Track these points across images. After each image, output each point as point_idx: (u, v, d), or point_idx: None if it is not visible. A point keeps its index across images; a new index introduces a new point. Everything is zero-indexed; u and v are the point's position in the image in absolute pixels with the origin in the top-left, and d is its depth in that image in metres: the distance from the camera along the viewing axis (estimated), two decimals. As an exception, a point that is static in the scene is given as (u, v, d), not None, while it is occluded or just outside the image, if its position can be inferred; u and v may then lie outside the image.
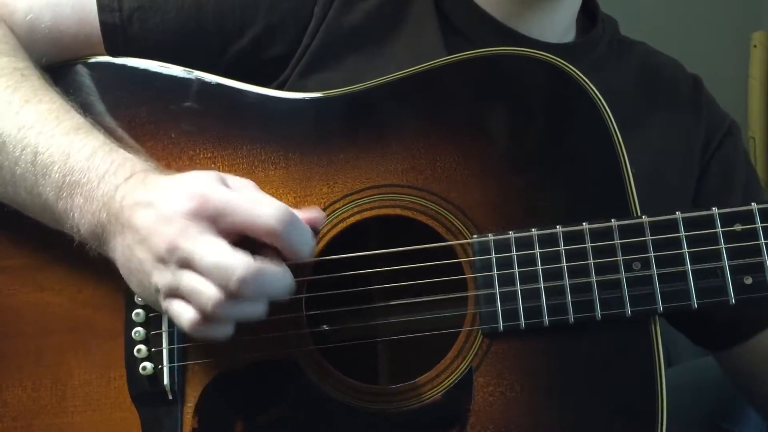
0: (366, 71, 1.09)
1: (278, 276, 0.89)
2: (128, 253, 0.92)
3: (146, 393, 1.01)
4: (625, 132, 0.97)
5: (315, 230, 0.95)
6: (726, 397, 1.28)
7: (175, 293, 0.89)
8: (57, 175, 0.96)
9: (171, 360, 1.01)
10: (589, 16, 1.25)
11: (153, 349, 1.01)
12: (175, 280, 0.88)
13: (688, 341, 1.25)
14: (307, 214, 0.95)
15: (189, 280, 0.88)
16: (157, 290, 0.91)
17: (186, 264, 0.88)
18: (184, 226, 0.88)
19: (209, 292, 0.87)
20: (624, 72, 1.23)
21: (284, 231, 0.89)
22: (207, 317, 0.88)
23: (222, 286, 0.86)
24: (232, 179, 0.94)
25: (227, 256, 0.86)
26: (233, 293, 0.86)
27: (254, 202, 0.89)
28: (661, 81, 1.25)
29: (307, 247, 0.92)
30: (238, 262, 0.86)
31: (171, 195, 0.90)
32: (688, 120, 1.23)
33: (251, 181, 0.94)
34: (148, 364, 1.00)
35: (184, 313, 0.89)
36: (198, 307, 0.88)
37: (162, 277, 0.89)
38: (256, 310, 0.91)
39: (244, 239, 0.90)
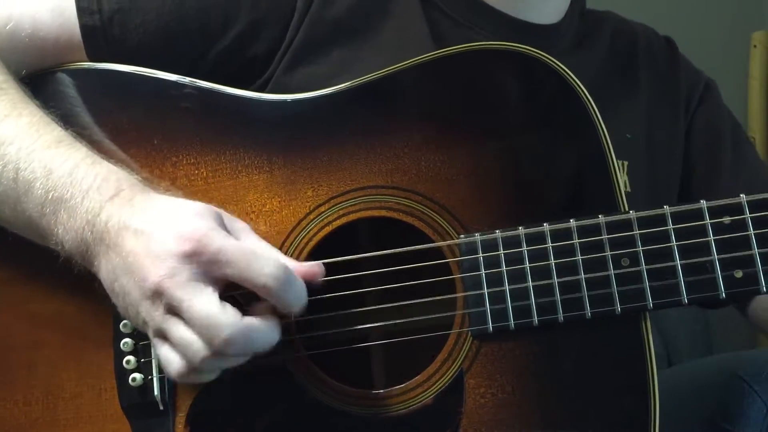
0: (352, 64, 1.08)
1: (265, 334, 0.89)
2: (113, 278, 0.91)
3: (137, 404, 1.00)
4: (617, 104, 0.96)
5: (312, 283, 0.93)
6: (726, 397, 1.26)
7: (163, 336, 0.89)
8: (40, 192, 0.95)
9: (161, 370, 0.99)
10: None
11: (142, 360, 1.00)
12: (163, 325, 0.88)
13: (687, 341, 1.24)
14: (305, 268, 0.93)
15: (177, 330, 0.87)
16: (145, 323, 0.90)
17: (173, 311, 0.87)
18: (173, 270, 0.86)
19: (196, 346, 0.86)
20: (602, 43, 1.23)
21: (279, 290, 0.88)
22: (193, 369, 0.89)
23: (208, 342, 0.86)
24: (229, 219, 0.93)
25: (215, 313, 0.86)
26: (219, 351, 0.86)
27: (252, 257, 0.88)
28: (639, 46, 1.25)
29: (300, 304, 0.91)
30: (226, 321, 0.85)
31: (164, 229, 0.88)
32: (669, 80, 1.24)
33: (247, 225, 0.94)
34: (138, 375, 1.00)
35: (172, 363, 0.89)
36: (185, 359, 0.88)
37: (150, 316, 0.89)
38: (241, 361, 0.91)
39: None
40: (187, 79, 1.06)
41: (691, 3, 2.33)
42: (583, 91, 0.95)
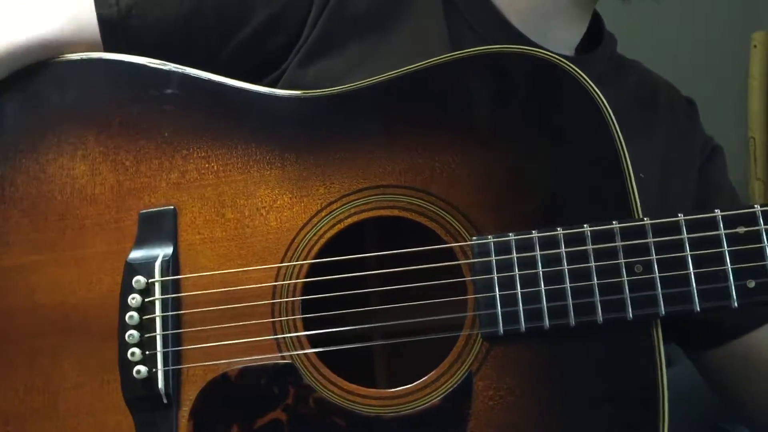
0: (366, 61, 1.09)
1: None
2: None
3: (141, 397, 0.99)
4: (633, 142, 0.96)
5: None
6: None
7: None
8: None
9: (165, 363, 0.99)
10: (588, 31, 1.25)
11: (147, 353, 0.99)
12: None
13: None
14: None
15: None
16: None
17: None
18: None
19: None
20: (625, 87, 1.24)
21: None
22: None
23: None
24: None
25: None
26: None
27: None
28: (660, 97, 1.26)
29: None
30: None
31: None
32: (687, 135, 1.25)
33: None
34: (143, 368, 0.99)
35: None
36: None
37: None
38: None
39: None
40: (200, 73, 1.06)
41: (691, 3, 2.32)
42: (601, 99, 0.95)
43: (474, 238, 0.95)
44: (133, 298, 1.00)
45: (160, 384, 0.98)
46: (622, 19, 1.31)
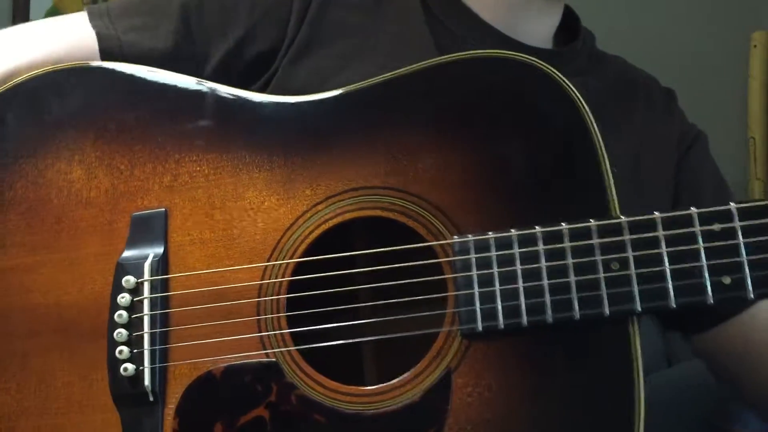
0: (355, 59, 1.14)
1: None
2: None
3: (127, 394, 1.01)
4: (608, 135, 0.97)
5: None
6: (725, 397, 1.26)
7: None
8: None
9: (152, 361, 1.01)
10: (567, 27, 1.29)
11: (135, 351, 1.01)
12: None
13: (688, 342, 1.23)
14: None
15: None
16: None
17: None
18: None
19: None
20: (604, 80, 1.26)
21: None
22: None
23: None
24: None
25: None
26: None
27: None
28: (639, 90, 1.28)
29: None
30: None
31: None
32: (664, 125, 1.26)
33: None
34: (130, 366, 1.00)
35: None
36: None
37: None
38: None
39: None
40: (193, 80, 1.10)
41: (691, 3, 2.32)
42: (580, 99, 0.97)
43: (455, 236, 0.97)
44: (122, 297, 1.02)
45: (147, 381, 1.00)
46: (622, 19, 1.32)
